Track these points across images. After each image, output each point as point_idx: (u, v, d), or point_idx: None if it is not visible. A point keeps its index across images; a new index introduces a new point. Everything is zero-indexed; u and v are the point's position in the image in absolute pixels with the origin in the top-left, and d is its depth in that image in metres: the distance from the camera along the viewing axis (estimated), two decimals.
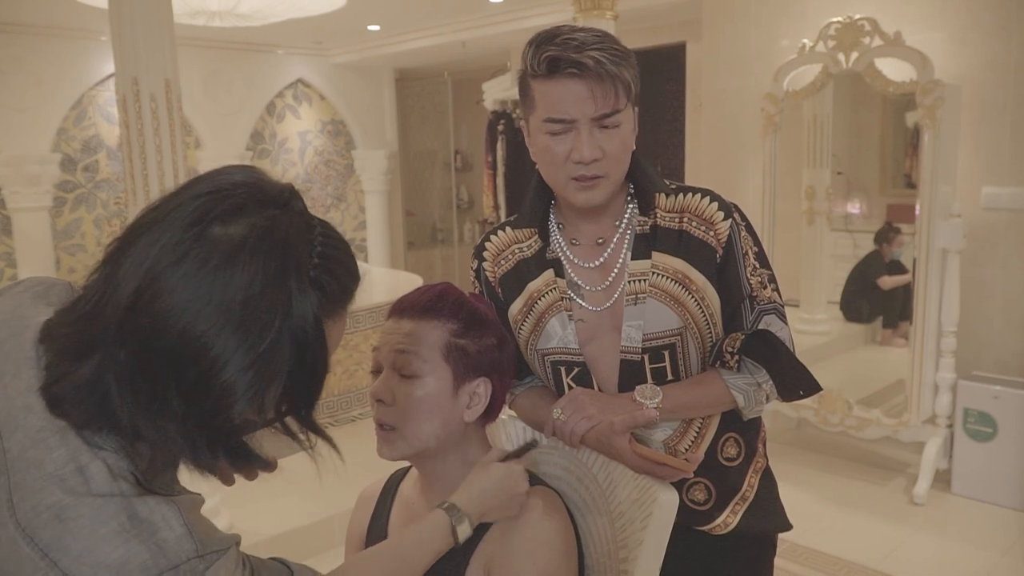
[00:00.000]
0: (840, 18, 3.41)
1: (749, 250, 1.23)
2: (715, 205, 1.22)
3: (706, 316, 1.21)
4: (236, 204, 0.72)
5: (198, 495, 0.77)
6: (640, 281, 1.22)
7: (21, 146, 5.36)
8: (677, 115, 5.21)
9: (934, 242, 3.21)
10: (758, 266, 1.23)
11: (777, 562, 1.37)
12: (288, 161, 6.99)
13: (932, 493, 3.28)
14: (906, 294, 3.62)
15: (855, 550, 2.88)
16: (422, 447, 1.09)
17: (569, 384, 1.26)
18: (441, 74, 7.50)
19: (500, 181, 5.81)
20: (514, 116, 5.70)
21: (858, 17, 3.36)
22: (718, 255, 1.21)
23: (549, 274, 1.26)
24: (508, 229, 1.33)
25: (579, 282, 1.26)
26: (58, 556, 0.67)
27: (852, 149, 4.09)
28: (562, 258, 1.27)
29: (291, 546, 2.88)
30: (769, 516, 1.33)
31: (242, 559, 0.77)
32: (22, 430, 0.71)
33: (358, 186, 7.45)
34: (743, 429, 1.29)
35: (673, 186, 1.26)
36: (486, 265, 1.33)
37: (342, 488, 2.07)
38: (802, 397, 1.24)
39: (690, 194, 1.24)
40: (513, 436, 1.34)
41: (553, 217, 1.30)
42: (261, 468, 0.82)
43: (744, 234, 1.23)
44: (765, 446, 1.36)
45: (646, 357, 1.21)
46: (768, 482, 1.35)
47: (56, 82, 5.49)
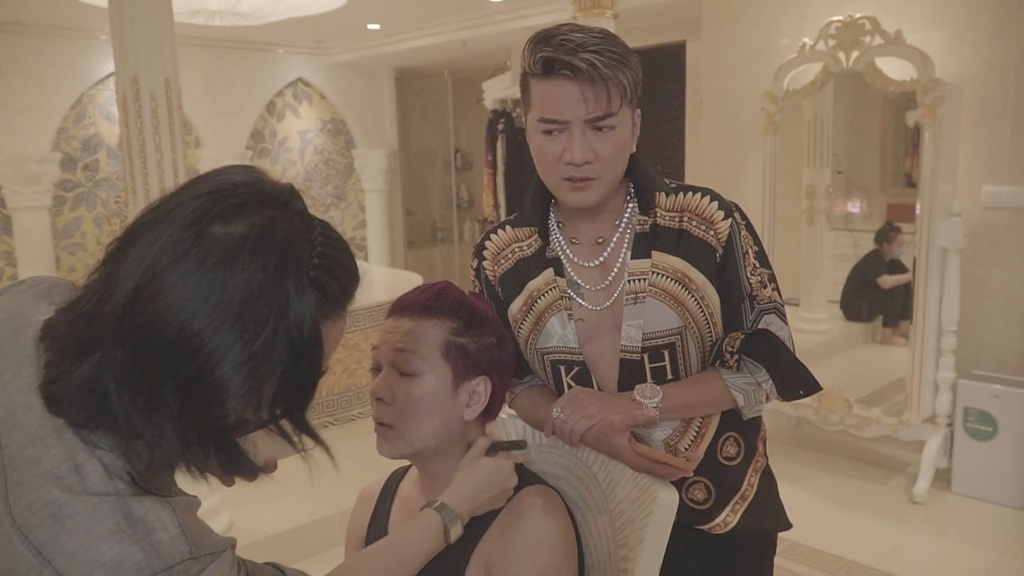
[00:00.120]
0: (840, 17, 3.41)
1: (749, 249, 1.23)
2: (715, 204, 1.22)
3: (706, 315, 1.21)
4: (236, 204, 0.72)
5: (194, 497, 0.77)
6: (640, 280, 1.22)
7: (21, 145, 5.36)
8: (677, 114, 5.21)
9: (934, 241, 3.21)
10: (758, 265, 1.23)
11: (777, 561, 1.37)
12: (288, 160, 6.99)
13: (932, 492, 3.27)
14: (906, 293, 3.62)
15: (855, 549, 2.88)
16: (421, 445, 1.09)
17: (569, 383, 1.26)
18: (441, 73, 7.50)
19: (500, 180, 5.81)
20: (514, 115, 5.70)
21: (858, 16, 3.36)
22: (718, 254, 1.21)
23: (549, 273, 1.26)
24: (508, 228, 1.33)
25: (579, 281, 1.26)
26: (52, 555, 0.67)
27: (852, 148, 4.09)
28: (562, 257, 1.27)
29: (291, 545, 2.88)
30: (769, 515, 1.33)
31: (237, 563, 0.77)
32: (20, 428, 0.71)
33: (358, 185, 7.45)
34: (743, 428, 1.29)
35: (673, 185, 1.26)
36: (486, 264, 1.33)
37: (342, 487, 2.06)
38: (802, 396, 1.24)
39: (690, 193, 1.24)
40: (513, 434, 1.34)
41: (553, 216, 1.29)
42: (252, 470, 0.82)
43: (744, 233, 1.23)
44: (765, 445, 1.36)
45: (646, 356, 1.21)
46: (768, 481, 1.34)
47: (56, 81, 5.49)
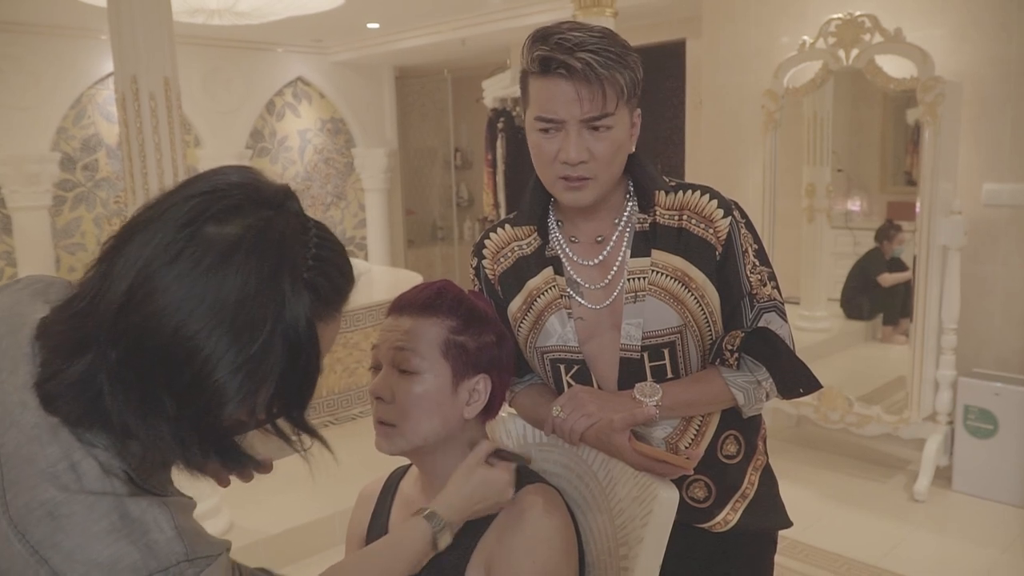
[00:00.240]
0: (840, 15, 3.41)
1: (749, 247, 1.23)
2: (715, 203, 1.22)
3: (706, 314, 1.21)
4: (231, 204, 0.72)
5: (190, 499, 0.77)
6: (640, 279, 1.21)
7: (21, 145, 5.36)
8: (677, 112, 5.21)
9: (934, 239, 3.21)
10: (758, 263, 1.23)
11: (778, 559, 1.37)
12: (288, 159, 6.98)
13: (933, 490, 3.27)
14: (906, 291, 3.62)
15: (856, 547, 2.88)
16: (421, 443, 1.09)
17: (569, 382, 1.25)
18: (441, 72, 7.49)
19: (500, 179, 5.80)
20: (514, 114, 5.69)
21: (858, 14, 3.35)
22: (718, 253, 1.21)
23: (548, 272, 1.26)
24: (507, 227, 1.33)
25: (578, 280, 1.25)
26: (49, 554, 0.67)
27: (852, 146, 4.09)
28: (561, 256, 1.27)
29: (292, 545, 2.88)
30: (769, 513, 1.33)
31: (232, 567, 0.76)
32: (16, 426, 0.71)
33: (358, 184, 7.45)
34: (743, 427, 1.29)
35: (672, 183, 1.26)
36: (485, 263, 1.32)
37: (342, 486, 2.07)
38: (802, 395, 1.24)
39: (690, 191, 1.24)
40: (513, 433, 1.34)
41: (552, 214, 1.29)
42: (252, 469, 0.82)
43: (744, 231, 1.23)
44: (765, 443, 1.36)
45: (646, 355, 1.21)
46: (768, 479, 1.34)
47: (55, 81, 5.49)
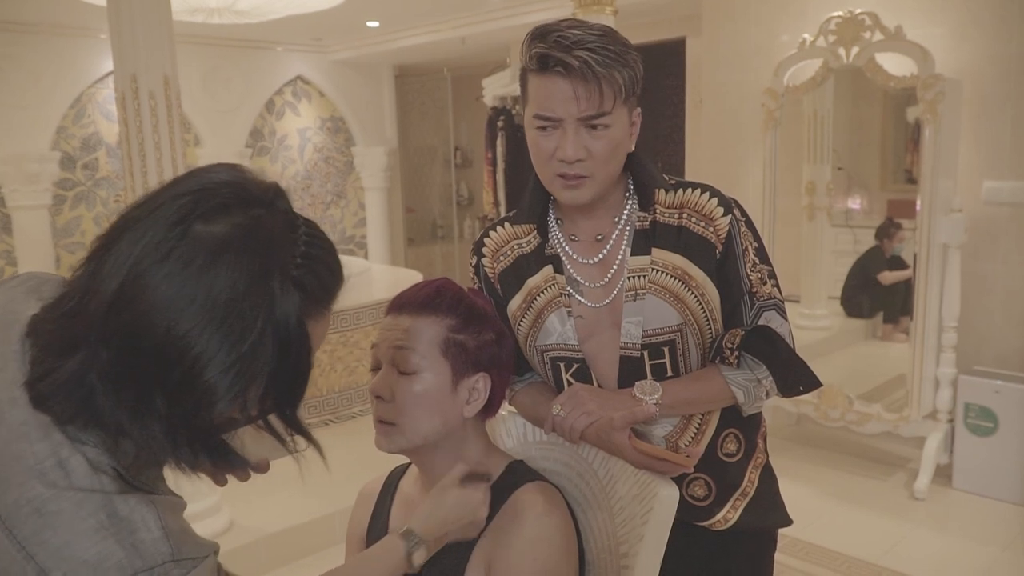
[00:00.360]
0: (840, 13, 3.40)
1: (749, 246, 1.22)
2: (715, 201, 1.22)
3: (706, 312, 1.21)
4: (220, 203, 0.71)
5: (180, 499, 0.77)
6: (640, 277, 1.21)
7: (20, 144, 5.36)
8: (677, 111, 5.20)
9: (935, 237, 3.21)
10: (758, 262, 1.23)
11: (778, 557, 1.38)
12: (288, 158, 6.98)
13: (933, 488, 3.27)
14: (907, 289, 3.62)
15: (856, 545, 2.88)
16: (421, 442, 1.09)
17: (568, 380, 1.25)
18: (440, 70, 7.49)
19: (500, 177, 5.80)
20: (513, 112, 5.69)
21: (859, 12, 3.35)
22: (718, 251, 1.20)
23: (548, 270, 1.26)
24: (507, 225, 1.32)
25: (578, 278, 1.25)
26: (35, 550, 0.67)
27: (853, 144, 4.08)
28: (561, 254, 1.27)
29: (292, 543, 2.88)
30: (769, 512, 1.33)
31: (219, 571, 0.76)
32: (5, 424, 0.71)
33: (358, 183, 7.44)
34: (743, 425, 1.29)
35: (672, 181, 1.25)
36: (485, 261, 1.32)
37: (343, 485, 2.06)
38: (802, 393, 1.24)
39: (690, 190, 1.24)
40: (513, 431, 1.34)
41: (552, 213, 1.29)
42: (242, 468, 0.82)
43: (744, 230, 1.22)
44: (765, 442, 1.36)
45: (646, 353, 1.21)
46: (768, 478, 1.34)
47: (55, 80, 5.49)
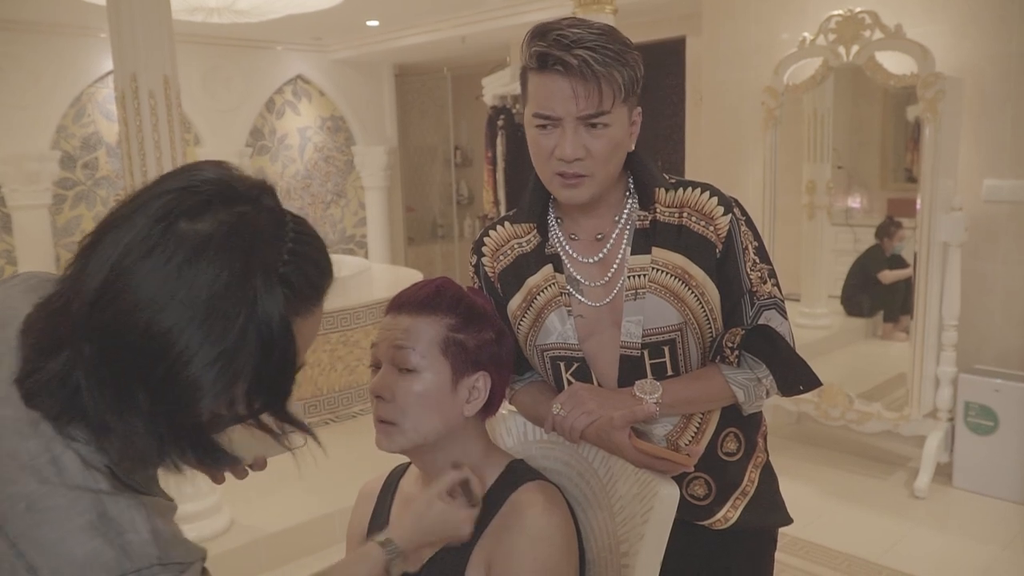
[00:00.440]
0: (840, 11, 3.40)
1: (749, 245, 1.22)
2: (715, 200, 1.22)
3: (706, 311, 1.21)
4: (204, 200, 0.72)
5: (172, 502, 0.77)
6: (640, 276, 1.21)
7: (21, 144, 5.36)
8: (677, 109, 5.20)
9: (935, 236, 3.21)
10: (758, 261, 1.23)
11: (778, 556, 1.38)
12: (288, 158, 6.98)
13: (933, 487, 3.27)
14: (907, 288, 3.62)
15: (856, 544, 2.88)
16: (421, 441, 1.09)
17: (568, 379, 1.25)
18: (440, 69, 7.49)
19: (500, 176, 5.80)
20: (514, 111, 5.69)
21: (859, 10, 3.35)
22: (718, 250, 1.20)
23: (548, 269, 1.26)
24: (507, 224, 1.32)
25: (578, 277, 1.25)
26: (26, 547, 0.67)
27: (853, 143, 4.08)
28: (561, 253, 1.26)
29: (292, 542, 2.88)
30: (769, 510, 1.33)
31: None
32: None
33: (358, 182, 7.44)
34: (743, 424, 1.29)
35: (673, 181, 1.25)
36: (485, 260, 1.32)
37: (343, 484, 2.06)
38: (802, 392, 1.24)
39: (690, 189, 1.24)
40: (513, 430, 1.34)
41: (552, 212, 1.29)
42: (232, 465, 0.82)
43: (744, 229, 1.22)
44: (765, 440, 1.36)
45: (646, 352, 1.21)
46: (768, 476, 1.34)
47: (55, 79, 5.49)
